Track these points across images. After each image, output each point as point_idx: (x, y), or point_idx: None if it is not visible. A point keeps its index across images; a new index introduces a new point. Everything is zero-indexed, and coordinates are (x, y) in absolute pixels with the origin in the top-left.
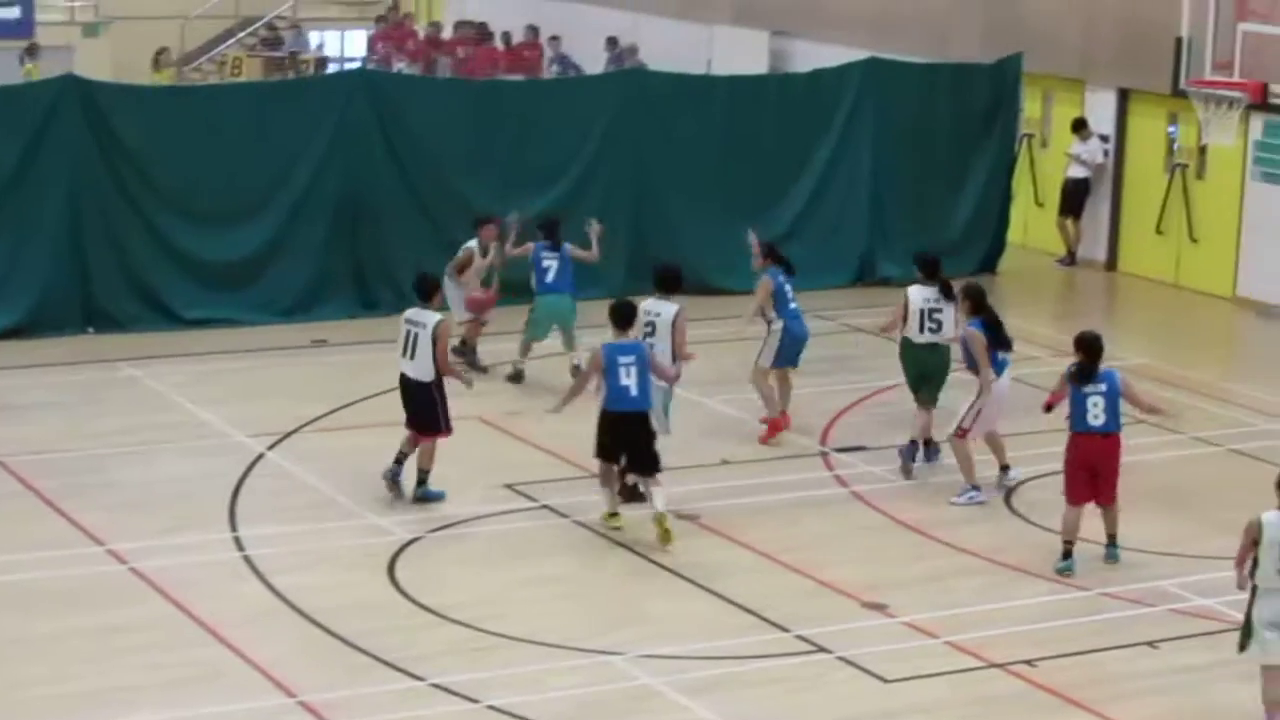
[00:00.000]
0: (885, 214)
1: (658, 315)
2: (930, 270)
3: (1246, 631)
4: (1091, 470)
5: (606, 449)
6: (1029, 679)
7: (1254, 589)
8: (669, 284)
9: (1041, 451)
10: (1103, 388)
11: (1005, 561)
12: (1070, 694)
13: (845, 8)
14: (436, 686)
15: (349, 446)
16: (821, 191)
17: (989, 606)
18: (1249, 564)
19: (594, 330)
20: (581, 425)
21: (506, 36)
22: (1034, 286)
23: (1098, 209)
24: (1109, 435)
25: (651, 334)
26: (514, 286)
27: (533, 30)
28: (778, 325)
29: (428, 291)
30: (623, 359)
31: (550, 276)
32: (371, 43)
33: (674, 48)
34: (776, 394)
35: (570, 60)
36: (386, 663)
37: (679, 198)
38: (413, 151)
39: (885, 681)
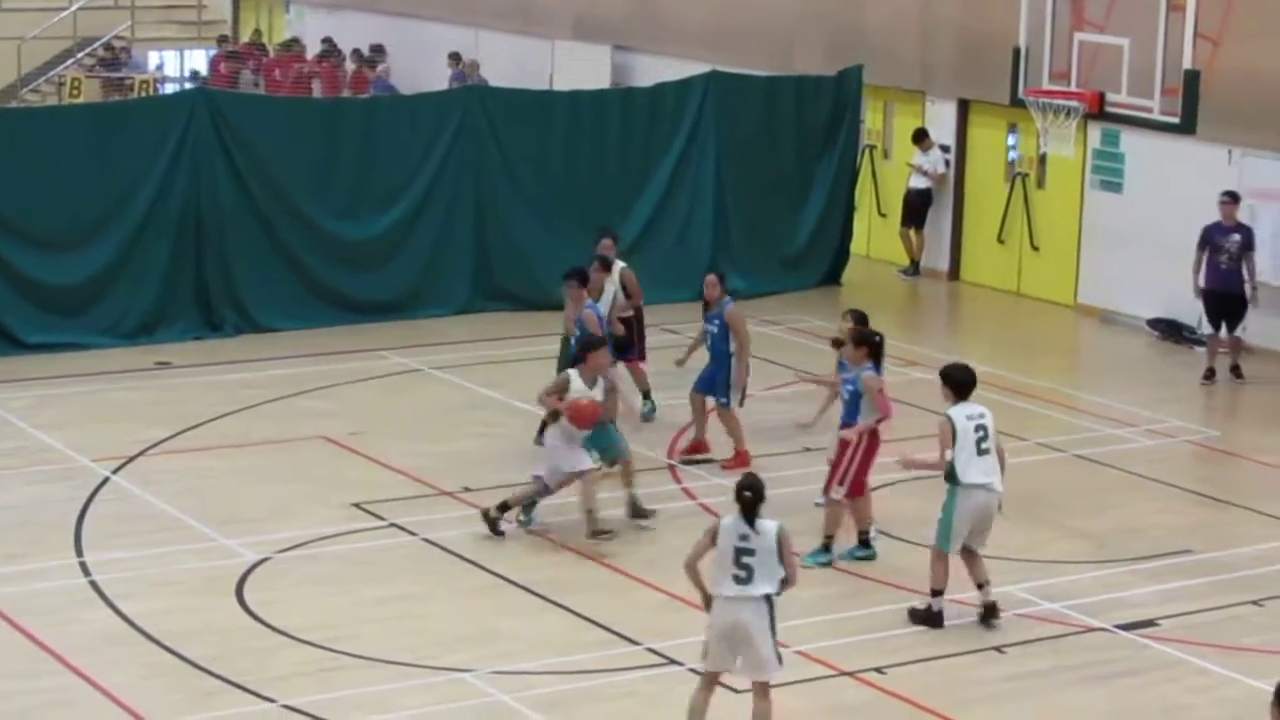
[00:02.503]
0: (729, 227)
1: None
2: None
3: None
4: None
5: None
6: (879, 686)
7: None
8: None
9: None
10: (849, 386)
11: (853, 570)
12: (921, 700)
13: (687, 21)
14: (288, 708)
15: (195, 469)
16: (665, 205)
17: (839, 615)
18: None
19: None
20: (427, 444)
21: (359, 54)
22: (878, 297)
23: (940, 219)
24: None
25: None
26: None
27: (370, 51)
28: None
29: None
30: None
31: None
32: (214, 62)
33: (515, 63)
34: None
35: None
36: (237, 685)
37: (522, 214)
38: (255, 171)
39: (736, 692)
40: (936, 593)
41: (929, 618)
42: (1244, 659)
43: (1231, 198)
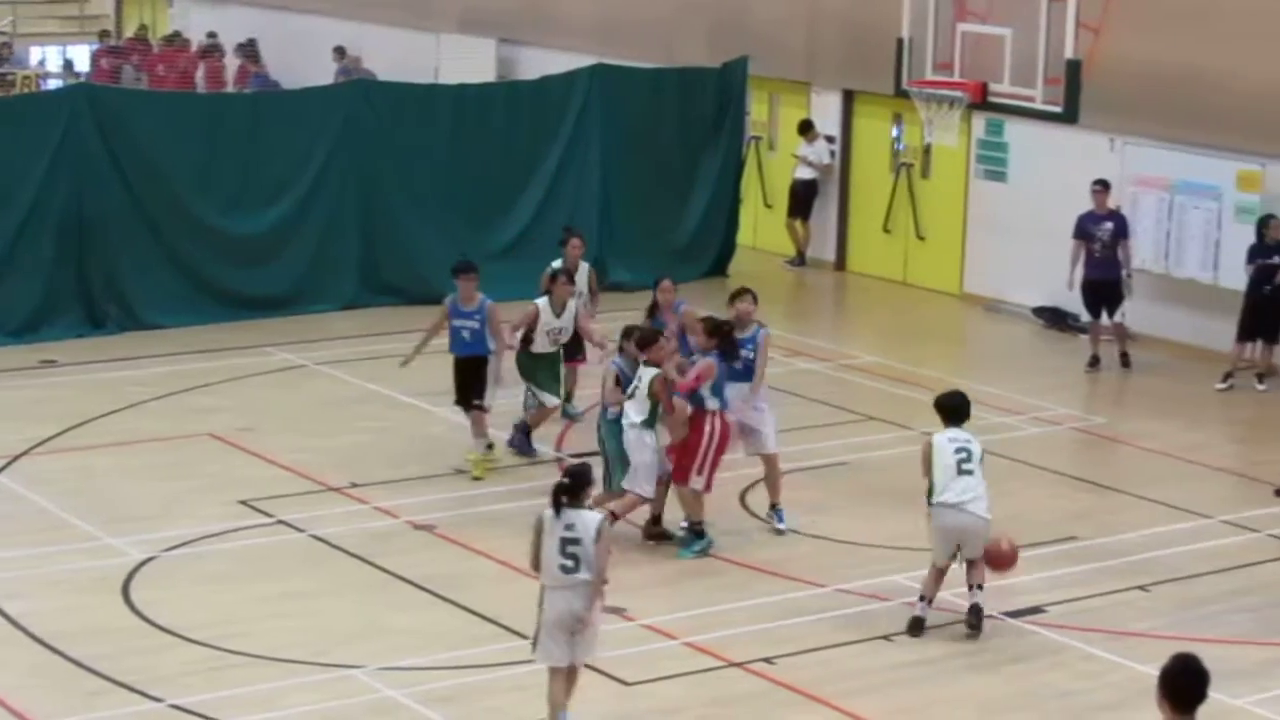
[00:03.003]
0: (615, 219)
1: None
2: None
3: None
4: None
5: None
6: (769, 677)
7: None
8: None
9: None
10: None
11: (741, 561)
12: (810, 690)
13: (571, 14)
14: (175, 708)
15: (80, 467)
16: (551, 198)
17: (727, 606)
18: None
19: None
20: (314, 440)
21: (243, 48)
22: (764, 288)
23: (826, 210)
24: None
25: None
26: None
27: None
28: None
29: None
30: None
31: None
32: (95, 57)
33: (400, 57)
34: None
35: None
36: (124, 685)
37: (408, 208)
38: (139, 167)
39: (626, 684)
40: (921, 598)
41: (910, 623)
42: (1131, 644)
43: (1103, 186)
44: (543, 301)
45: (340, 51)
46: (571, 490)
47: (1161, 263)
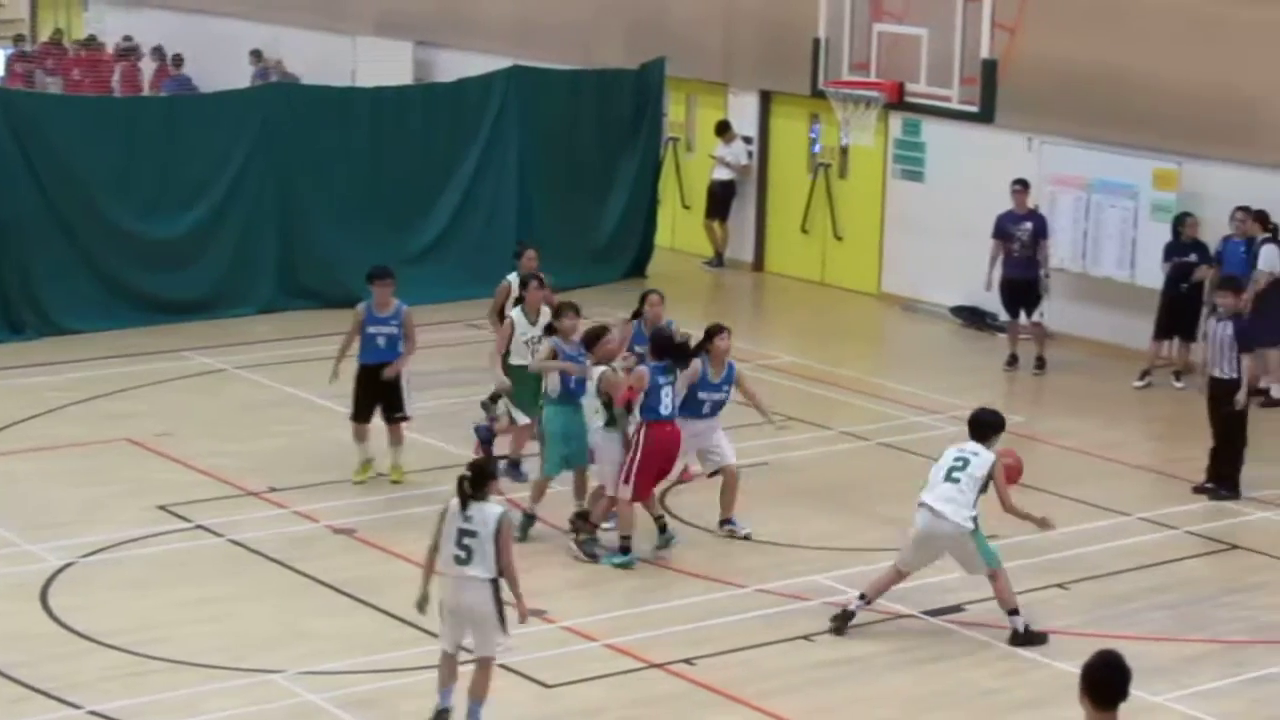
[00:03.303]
0: (534, 222)
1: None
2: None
3: None
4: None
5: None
6: (689, 678)
7: None
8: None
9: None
10: (673, 379)
11: (662, 563)
12: (730, 690)
13: (488, 16)
14: (94, 714)
15: None
16: (470, 201)
17: (647, 608)
18: None
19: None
20: (232, 445)
21: (159, 52)
22: (683, 289)
23: (743, 210)
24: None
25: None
26: None
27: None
28: None
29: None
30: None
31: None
32: (9, 62)
33: (317, 60)
34: None
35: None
36: (42, 692)
37: (326, 211)
38: (54, 171)
39: (546, 687)
40: (861, 595)
41: (838, 615)
42: (1050, 642)
43: (1023, 186)
44: (515, 312)
45: (257, 55)
46: (474, 482)
47: (1079, 261)
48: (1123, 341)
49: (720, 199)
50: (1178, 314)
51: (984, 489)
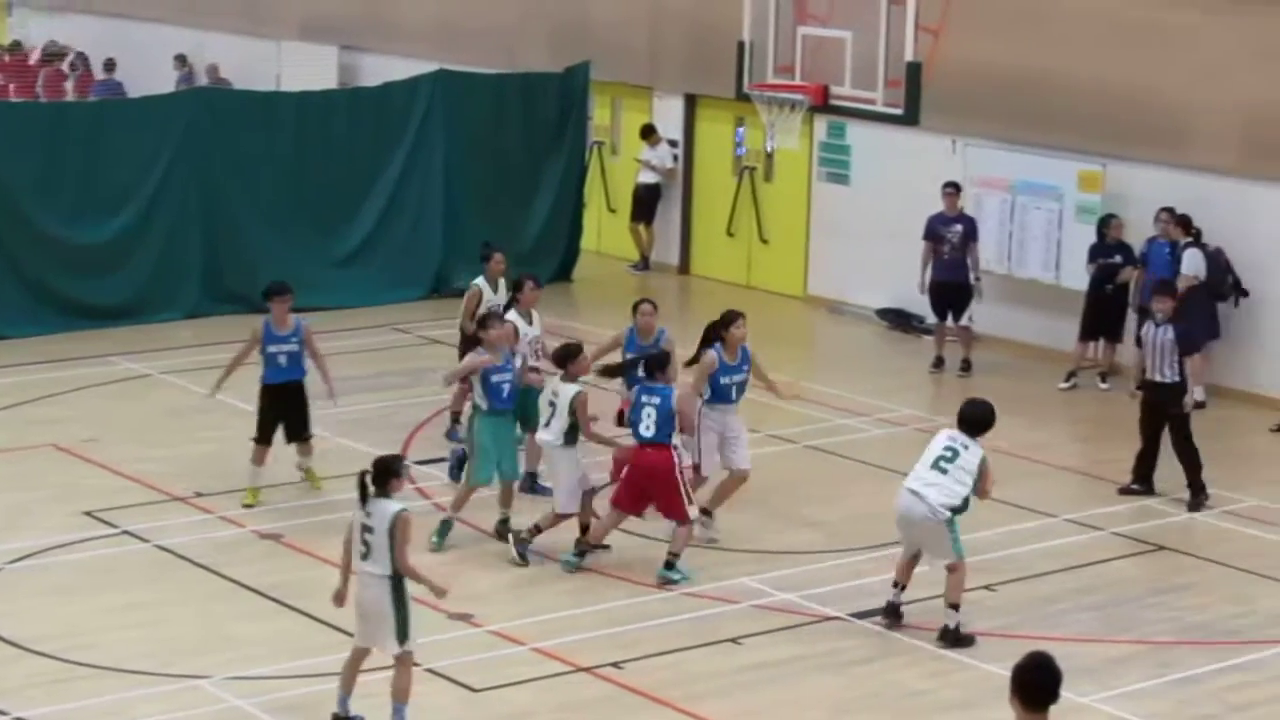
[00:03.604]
0: (460, 225)
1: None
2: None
3: None
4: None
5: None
6: (617, 681)
7: None
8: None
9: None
10: (656, 400)
11: (589, 565)
12: (658, 694)
13: (412, 20)
14: None
15: None
16: (395, 205)
17: (574, 612)
18: None
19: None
20: (158, 450)
21: (83, 58)
22: (609, 292)
23: (669, 214)
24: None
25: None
26: None
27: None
28: None
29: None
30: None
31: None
32: None
33: (242, 64)
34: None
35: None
36: None
37: (252, 216)
38: None
39: (473, 690)
40: (895, 584)
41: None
42: (978, 643)
43: (954, 188)
44: (512, 314)
45: (181, 60)
46: (375, 479)
47: (1004, 263)
48: (1048, 343)
49: (645, 202)
50: (1103, 315)
51: (975, 485)
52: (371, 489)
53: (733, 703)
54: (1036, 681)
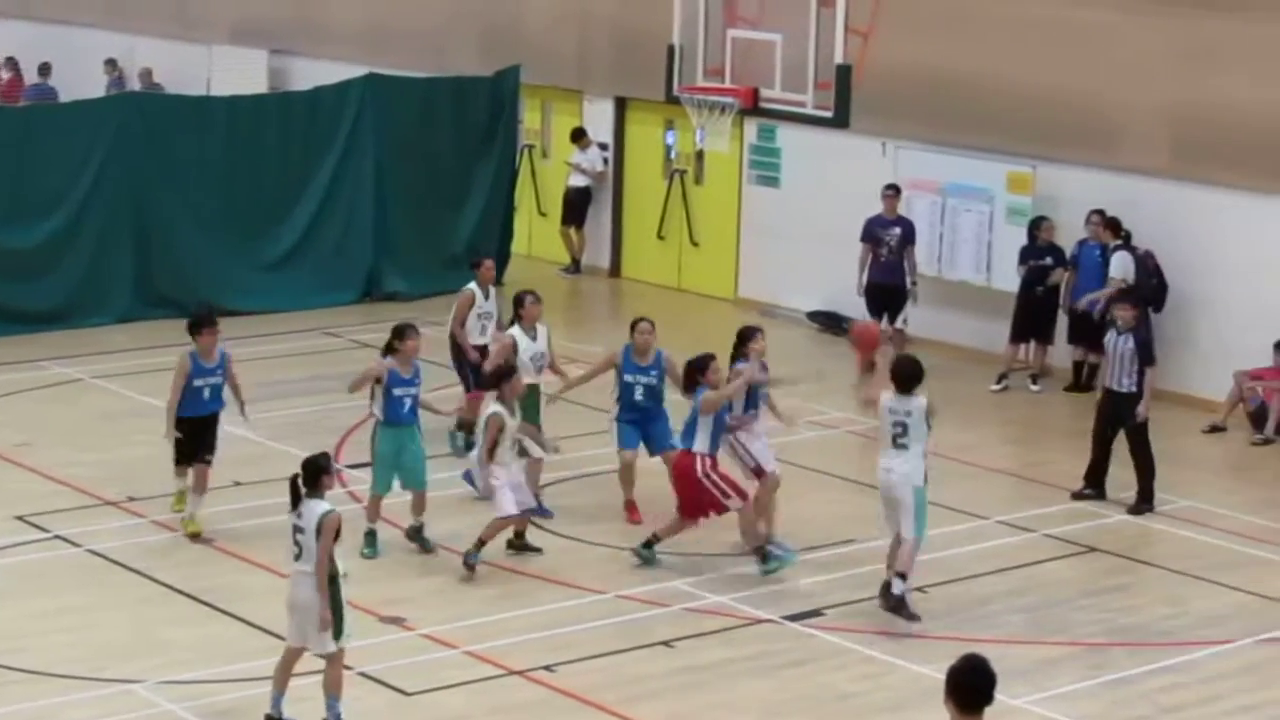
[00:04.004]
0: (390, 229)
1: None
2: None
3: None
4: None
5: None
6: (549, 684)
7: None
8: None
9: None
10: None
11: (521, 569)
12: (590, 697)
13: (342, 24)
14: None
15: None
16: (326, 208)
17: (507, 614)
18: None
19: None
20: (90, 454)
21: (12, 63)
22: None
23: (600, 217)
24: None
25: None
26: None
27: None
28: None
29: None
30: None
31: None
32: None
33: (173, 69)
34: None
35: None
36: None
37: (183, 220)
38: None
39: (405, 694)
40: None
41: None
42: (910, 645)
43: (894, 191)
44: (515, 331)
45: (112, 64)
46: (306, 479)
47: (935, 265)
48: (979, 345)
49: (576, 206)
50: (1034, 317)
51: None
52: (303, 490)
53: (665, 705)
54: (971, 684)
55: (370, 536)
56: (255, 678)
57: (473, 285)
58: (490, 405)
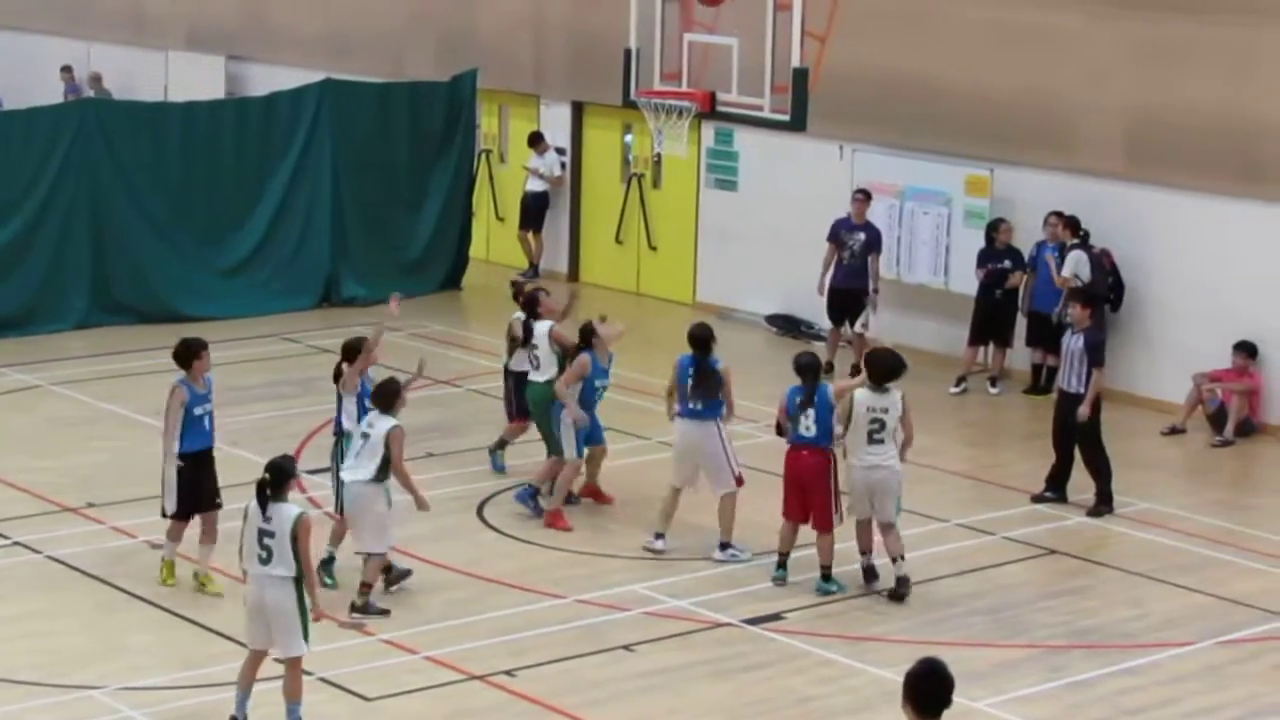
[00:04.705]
0: (348, 235)
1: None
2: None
3: None
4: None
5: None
6: (509, 689)
7: None
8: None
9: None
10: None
11: (480, 574)
12: (550, 701)
13: (299, 30)
14: None
15: None
16: (283, 214)
17: (467, 619)
18: None
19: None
20: (48, 460)
21: None
22: (498, 301)
23: (558, 221)
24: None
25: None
26: None
27: None
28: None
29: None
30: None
31: None
32: None
33: (129, 75)
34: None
35: None
36: None
37: (140, 227)
38: None
39: (366, 700)
40: (862, 552)
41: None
42: (869, 648)
43: (864, 195)
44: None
45: (68, 70)
46: (272, 484)
47: (893, 269)
48: (938, 348)
49: (534, 210)
50: (992, 320)
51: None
52: (270, 494)
53: (625, 709)
54: (929, 689)
55: (330, 560)
56: (215, 683)
57: (518, 314)
58: (386, 420)
